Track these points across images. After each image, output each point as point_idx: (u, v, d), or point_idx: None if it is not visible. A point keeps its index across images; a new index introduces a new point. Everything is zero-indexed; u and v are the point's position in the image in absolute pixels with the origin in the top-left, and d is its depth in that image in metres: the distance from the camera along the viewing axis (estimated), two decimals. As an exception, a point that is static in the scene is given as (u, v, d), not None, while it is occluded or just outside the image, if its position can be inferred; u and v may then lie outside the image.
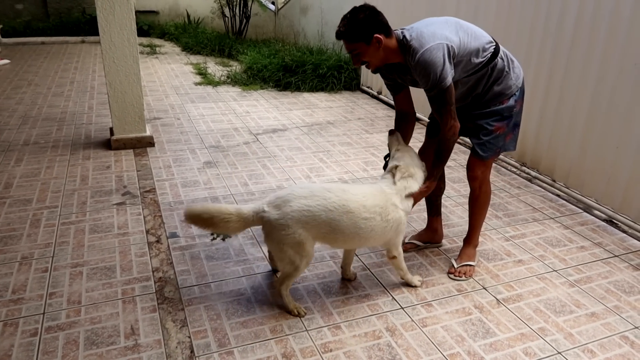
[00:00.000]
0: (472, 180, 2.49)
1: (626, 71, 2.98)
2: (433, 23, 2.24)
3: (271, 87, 6.34)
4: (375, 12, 2.14)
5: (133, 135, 4.09)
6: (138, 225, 2.91)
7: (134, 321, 2.13)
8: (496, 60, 2.28)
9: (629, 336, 2.17)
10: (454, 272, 2.52)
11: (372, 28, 2.11)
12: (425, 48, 2.10)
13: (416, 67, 2.14)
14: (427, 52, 2.09)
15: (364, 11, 2.11)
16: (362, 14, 2.10)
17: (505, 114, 2.37)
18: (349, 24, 2.11)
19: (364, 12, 2.11)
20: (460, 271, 2.52)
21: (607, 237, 3.00)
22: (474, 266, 2.56)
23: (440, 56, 2.09)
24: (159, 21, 10.52)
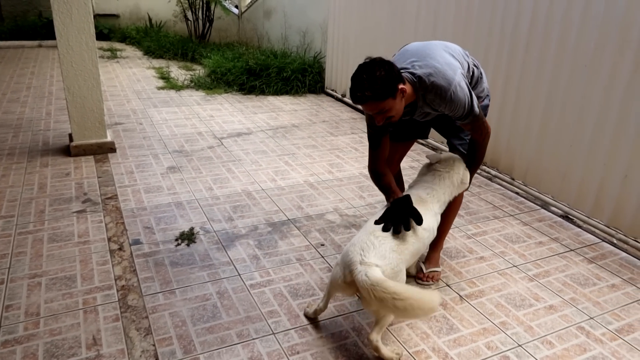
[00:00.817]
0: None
1: (577, 73, 3.11)
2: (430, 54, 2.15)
3: (235, 90, 6.31)
4: (390, 64, 2.01)
5: (93, 141, 3.99)
6: (99, 232, 2.84)
7: (95, 331, 2.08)
8: (473, 69, 2.34)
9: (585, 326, 2.26)
10: (423, 277, 2.54)
11: (395, 81, 1.98)
12: (453, 84, 2.07)
13: (450, 103, 2.09)
14: (456, 86, 2.07)
15: (379, 67, 1.96)
16: (379, 71, 1.95)
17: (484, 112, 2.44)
18: (372, 86, 1.94)
19: (380, 68, 1.96)
20: (429, 276, 2.54)
21: (564, 232, 3.11)
22: (440, 272, 2.60)
23: (464, 87, 2.09)
24: (120, 25, 10.30)
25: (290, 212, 3.19)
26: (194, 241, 2.79)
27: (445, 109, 2.15)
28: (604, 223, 3.06)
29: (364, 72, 1.96)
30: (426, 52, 2.16)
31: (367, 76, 1.95)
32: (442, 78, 2.07)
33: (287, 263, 2.63)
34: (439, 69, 2.09)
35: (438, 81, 2.07)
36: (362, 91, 1.95)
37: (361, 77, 1.96)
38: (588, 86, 3.05)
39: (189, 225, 2.97)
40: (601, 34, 2.93)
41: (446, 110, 2.16)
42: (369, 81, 1.94)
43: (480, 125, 2.23)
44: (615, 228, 3.00)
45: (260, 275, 2.52)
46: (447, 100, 2.09)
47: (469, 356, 2.04)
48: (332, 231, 2.99)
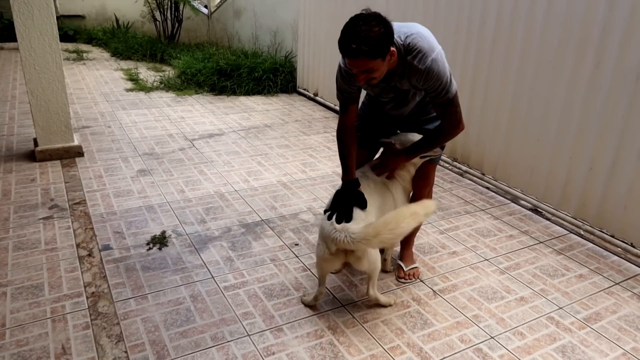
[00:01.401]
0: (425, 187, 2.48)
1: (542, 68, 3.18)
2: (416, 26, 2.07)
3: (206, 91, 6.24)
4: (389, 23, 1.89)
5: (59, 146, 3.89)
6: (67, 239, 2.77)
7: (65, 340, 2.03)
8: None
9: (554, 316, 2.31)
10: (404, 275, 2.55)
11: (390, 41, 1.89)
12: (436, 52, 1.99)
13: (428, 73, 1.99)
14: (439, 56, 1.99)
15: (379, 24, 1.84)
16: (379, 27, 1.83)
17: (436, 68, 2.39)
18: (369, 41, 1.82)
19: (380, 24, 1.84)
20: (410, 274, 2.56)
21: (533, 225, 3.18)
22: (418, 267, 2.62)
23: (445, 62, 2.03)
24: (86, 26, 10.06)
25: (263, 213, 3.17)
26: (166, 245, 2.75)
27: (422, 80, 2.03)
28: (571, 215, 3.14)
29: (363, 24, 1.83)
30: (412, 24, 2.08)
31: (366, 29, 1.82)
32: (426, 43, 1.99)
33: (261, 264, 2.62)
34: (424, 35, 2.01)
35: (422, 44, 1.98)
36: (359, 44, 1.82)
37: (359, 29, 1.82)
38: (553, 82, 3.13)
39: (161, 228, 2.92)
40: (564, 31, 3.01)
41: (422, 82, 2.04)
42: (367, 35, 1.82)
43: (453, 114, 2.12)
44: (581, 219, 3.08)
45: (234, 277, 2.50)
46: (427, 66, 1.98)
47: (443, 350, 2.07)
48: (306, 230, 2.98)
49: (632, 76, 2.68)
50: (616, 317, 2.33)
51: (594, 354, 2.09)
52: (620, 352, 2.11)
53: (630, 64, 2.69)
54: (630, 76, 2.69)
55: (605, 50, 2.80)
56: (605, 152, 2.87)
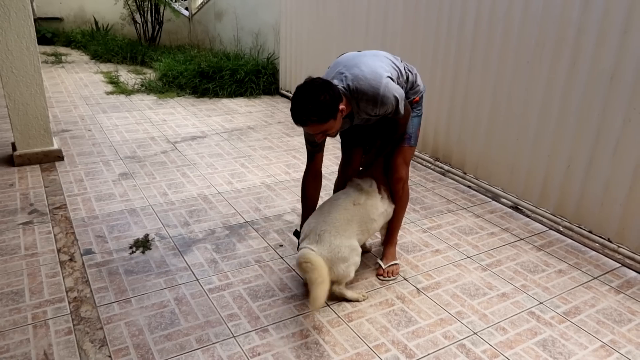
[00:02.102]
0: (398, 182, 2.53)
1: (521, 69, 3.24)
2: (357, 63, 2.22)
3: (188, 94, 6.20)
4: (331, 85, 2.06)
5: (39, 150, 3.83)
6: (48, 244, 2.73)
7: (47, 346, 2.00)
8: (407, 73, 2.42)
9: (535, 311, 2.36)
10: (382, 273, 2.58)
11: (337, 103, 2.05)
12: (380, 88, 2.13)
13: (379, 105, 2.17)
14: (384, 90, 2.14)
15: (323, 91, 2.00)
16: (323, 95, 1.99)
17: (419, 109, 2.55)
18: (317, 110, 1.99)
19: (324, 92, 2.00)
20: (388, 271, 2.58)
21: (514, 222, 3.24)
22: (398, 264, 2.65)
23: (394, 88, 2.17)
24: (64, 28, 9.92)
25: (247, 215, 3.17)
26: (149, 248, 2.73)
27: (379, 111, 2.21)
28: (550, 212, 3.20)
29: (307, 95, 2.00)
30: (354, 61, 2.22)
31: (311, 100, 1.99)
32: (367, 84, 2.14)
33: (245, 265, 2.61)
34: (365, 75, 2.15)
35: (364, 87, 2.14)
36: (307, 115, 2.00)
37: (304, 101, 2.00)
38: (531, 81, 3.19)
39: (144, 232, 2.90)
40: (541, 31, 3.07)
41: (380, 112, 2.22)
42: (313, 105, 1.99)
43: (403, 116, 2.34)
44: (560, 216, 3.15)
45: (218, 279, 2.49)
46: (378, 103, 2.16)
47: (427, 347, 2.09)
48: (290, 232, 2.98)
49: (607, 76, 2.75)
50: (594, 311, 2.38)
51: (574, 347, 2.14)
52: (599, 344, 2.16)
53: (604, 64, 2.76)
54: (605, 76, 2.76)
55: (580, 51, 2.87)
56: (582, 150, 2.94)
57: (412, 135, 2.53)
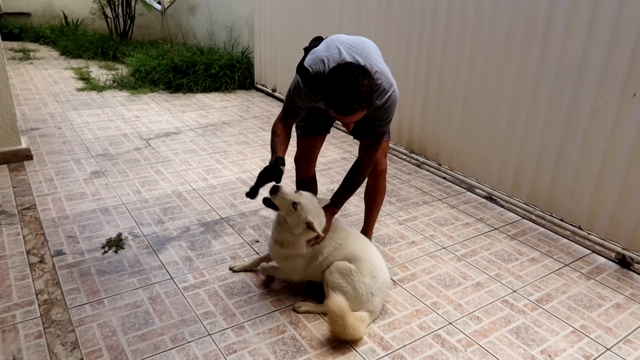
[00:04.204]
0: (380, 175, 2.53)
1: (492, 60, 3.27)
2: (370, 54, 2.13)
3: (162, 89, 6.10)
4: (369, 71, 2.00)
5: (6, 149, 3.72)
6: (17, 246, 2.66)
7: (16, 351, 1.95)
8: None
9: (509, 300, 2.39)
10: None
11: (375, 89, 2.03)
12: (393, 87, 2.11)
13: (382, 107, 2.10)
14: (394, 93, 2.12)
15: (365, 77, 1.93)
16: (366, 80, 1.93)
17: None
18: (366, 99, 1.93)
19: (366, 77, 1.94)
20: None
21: (488, 212, 3.28)
22: None
23: (398, 96, 2.15)
24: (32, 24, 9.63)
25: (223, 211, 3.14)
26: (122, 247, 2.68)
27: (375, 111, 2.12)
28: (523, 201, 3.25)
29: (354, 81, 1.90)
30: (365, 51, 2.12)
31: (359, 86, 1.90)
32: (387, 81, 2.12)
33: (221, 262, 2.59)
34: (384, 71, 2.14)
35: (384, 83, 2.11)
36: (359, 103, 1.91)
37: (354, 88, 1.90)
38: (502, 73, 3.22)
39: (117, 231, 2.85)
40: (511, 23, 3.10)
41: (373, 112, 2.13)
42: (363, 92, 1.90)
43: (375, 150, 2.25)
44: (533, 205, 3.20)
45: (193, 276, 2.46)
46: (384, 101, 2.11)
47: (403, 338, 2.11)
48: (266, 227, 2.97)
49: (575, 66, 2.79)
50: (566, 297, 2.43)
51: (546, 333, 2.18)
52: (570, 330, 2.21)
53: (572, 55, 2.80)
54: (574, 66, 2.80)
55: (549, 42, 2.91)
56: (552, 140, 2.99)
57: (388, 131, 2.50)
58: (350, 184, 2.32)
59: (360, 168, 2.31)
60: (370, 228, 2.69)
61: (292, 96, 2.21)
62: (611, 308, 2.37)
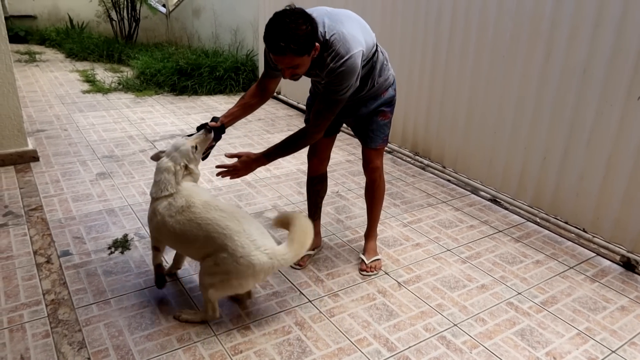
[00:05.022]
0: (373, 171, 2.53)
1: (496, 63, 3.28)
2: (343, 21, 2.11)
3: (167, 92, 6.13)
4: (313, 20, 1.96)
5: (13, 151, 3.75)
6: (24, 246, 2.68)
7: (24, 350, 1.97)
8: (377, 53, 2.32)
9: (514, 302, 2.40)
10: (366, 268, 2.58)
11: (315, 39, 1.96)
12: (350, 54, 2.03)
13: (334, 72, 2.04)
14: (351, 60, 2.03)
15: (305, 22, 1.91)
16: (305, 25, 1.90)
17: (388, 101, 2.45)
18: (297, 40, 1.89)
19: (307, 23, 1.91)
20: (371, 266, 2.59)
21: (492, 214, 3.28)
22: (380, 259, 2.66)
23: (358, 66, 2.06)
24: (38, 26, 9.70)
25: (228, 212, 3.15)
26: (129, 248, 2.70)
27: (327, 75, 2.09)
28: (528, 204, 3.25)
29: (290, 22, 1.88)
30: (341, 18, 2.12)
31: (293, 27, 1.87)
32: (344, 47, 2.04)
33: (226, 263, 2.60)
34: (344, 36, 2.05)
35: (340, 47, 2.03)
36: (287, 42, 1.87)
37: (286, 27, 1.87)
38: (506, 75, 3.23)
39: (123, 232, 2.86)
40: (515, 25, 3.11)
41: (326, 76, 2.09)
42: (295, 33, 1.87)
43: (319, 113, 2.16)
44: (537, 208, 3.20)
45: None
46: (337, 67, 2.04)
47: (409, 340, 2.12)
48: (271, 228, 2.97)
49: (580, 69, 2.80)
50: (571, 300, 2.43)
51: (551, 336, 2.18)
52: (575, 332, 2.21)
53: (577, 58, 2.81)
54: (578, 69, 2.81)
55: (554, 44, 2.92)
56: (557, 142, 2.99)
57: (388, 134, 2.51)
58: (287, 141, 2.24)
59: (304, 131, 2.23)
60: (373, 228, 2.69)
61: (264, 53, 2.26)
62: (616, 310, 2.37)
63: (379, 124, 2.45)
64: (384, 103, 2.43)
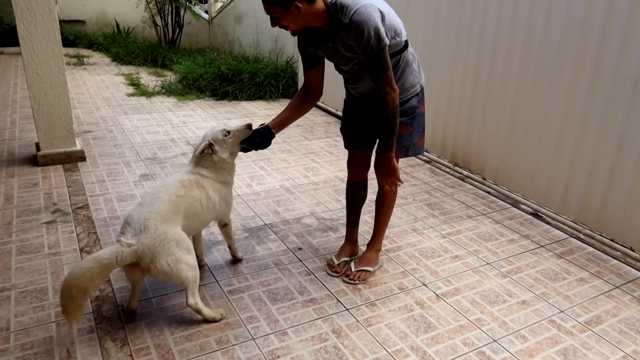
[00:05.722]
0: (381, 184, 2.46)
1: (542, 74, 3.21)
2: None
3: (208, 96, 6.26)
4: None
5: (62, 150, 3.90)
6: (71, 243, 2.78)
7: (69, 344, 2.04)
8: (407, 52, 2.28)
9: (556, 320, 2.33)
10: (350, 274, 2.54)
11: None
12: (360, 5, 2.03)
13: (350, 26, 2.04)
14: (362, 9, 2.02)
15: None
16: None
17: (408, 112, 2.35)
18: None
19: None
20: (356, 275, 2.54)
21: (534, 229, 3.20)
22: (371, 272, 2.57)
23: (375, 14, 2.03)
24: (86, 31, 10.10)
25: (267, 217, 3.19)
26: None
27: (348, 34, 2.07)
28: (571, 219, 3.16)
29: None
30: None
31: None
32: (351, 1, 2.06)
33: (265, 268, 2.63)
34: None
35: (347, 1, 2.06)
36: None
37: None
38: (552, 87, 3.15)
39: (164, 233, 2.93)
40: (563, 37, 3.04)
41: (349, 37, 2.08)
42: None
43: (382, 79, 2.09)
44: (582, 224, 3.10)
45: (238, 281, 2.51)
46: (350, 18, 2.03)
47: (447, 353, 2.08)
48: (309, 235, 3.00)
49: (631, 81, 2.71)
50: (617, 321, 2.34)
51: (595, 357, 2.10)
52: (621, 354, 2.13)
53: (628, 70, 2.72)
54: (629, 81, 2.72)
55: (604, 56, 2.83)
56: (604, 157, 2.90)
57: (410, 147, 2.43)
58: (386, 122, 2.17)
59: (381, 102, 2.14)
60: (376, 238, 2.63)
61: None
62: (666, 334, 2.27)
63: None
64: (402, 113, 2.28)
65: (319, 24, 2.14)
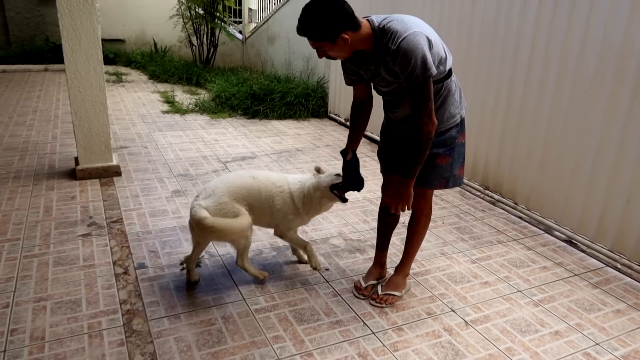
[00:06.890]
0: (416, 211, 2.49)
1: (578, 99, 3.16)
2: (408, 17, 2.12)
3: (239, 115, 6.38)
4: (338, 8, 2.00)
5: (99, 165, 4.03)
6: (104, 256, 2.85)
7: (100, 356, 2.08)
8: (450, 80, 2.25)
9: (591, 352, 2.25)
10: (376, 298, 2.52)
11: (337, 27, 2.00)
12: (410, 32, 2.00)
13: (397, 52, 2.00)
14: (411, 36, 1.99)
15: (325, 8, 1.98)
16: (323, 12, 1.98)
17: (447, 143, 2.31)
18: (309, 25, 2.02)
19: (326, 9, 1.98)
20: (383, 299, 2.52)
21: (568, 256, 3.12)
22: (398, 297, 2.55)
23: (423, 43, 2.00)
24: (125, 49, 10.48)
25: (294, 236, 3.20)
26: (199, 265, 2.80)
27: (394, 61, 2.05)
28: (608, 248, 3.06)
29: (309, 12, 2.02)
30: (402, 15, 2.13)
31: (310, 13, 2.02)
32: (401, 25, 2.04)
33: (291, 287, 2.63)
34: (404, 20, 2.07)
35: (396, 27, 2.04)
36: (303, 28, 2.05)
37: (304, 16, 2.03)
38: (588, 112, 3.10)
39: (194, 249, 2.98)
40: (600, 61, 2.99)
41: (394, 63, 2.05)
42: (308, 19, 2.03)
43: (422, 109, 2.06)
44: (619, 253, 3.00)
45: (265, 299, 2.52)
46: (397, 44, 2.00)
47: (476, 383, 2.03)
48: (336, 255, 2.99)
49: (672, 108, 2.64)
50: (657, 356, 2.25)
51: (634, 394, 2.02)
52: (662, 393, 2.03)
53: (670, 96, 2.65)
54: (670, 108, 2.65)
55: (643, 82, 2.77)
56: (643, 185, 2.81)
57: (450, 178, 2.38)
58: (417, 151, 2.14)
59: (417, 131, 2.11)
60: (405, 263, 2.60)
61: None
62: None
63: (435, 166, 2.33)
64: (440, 143, 2.28)
65: (364, 48, 2.14)
